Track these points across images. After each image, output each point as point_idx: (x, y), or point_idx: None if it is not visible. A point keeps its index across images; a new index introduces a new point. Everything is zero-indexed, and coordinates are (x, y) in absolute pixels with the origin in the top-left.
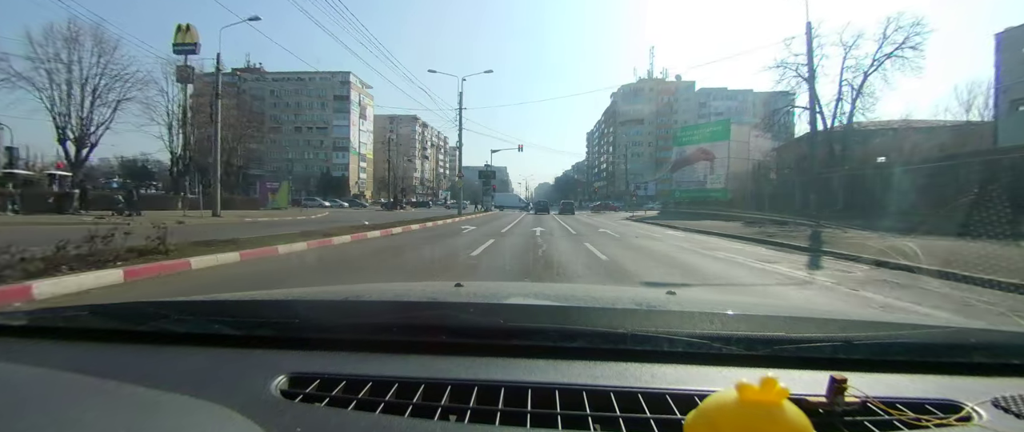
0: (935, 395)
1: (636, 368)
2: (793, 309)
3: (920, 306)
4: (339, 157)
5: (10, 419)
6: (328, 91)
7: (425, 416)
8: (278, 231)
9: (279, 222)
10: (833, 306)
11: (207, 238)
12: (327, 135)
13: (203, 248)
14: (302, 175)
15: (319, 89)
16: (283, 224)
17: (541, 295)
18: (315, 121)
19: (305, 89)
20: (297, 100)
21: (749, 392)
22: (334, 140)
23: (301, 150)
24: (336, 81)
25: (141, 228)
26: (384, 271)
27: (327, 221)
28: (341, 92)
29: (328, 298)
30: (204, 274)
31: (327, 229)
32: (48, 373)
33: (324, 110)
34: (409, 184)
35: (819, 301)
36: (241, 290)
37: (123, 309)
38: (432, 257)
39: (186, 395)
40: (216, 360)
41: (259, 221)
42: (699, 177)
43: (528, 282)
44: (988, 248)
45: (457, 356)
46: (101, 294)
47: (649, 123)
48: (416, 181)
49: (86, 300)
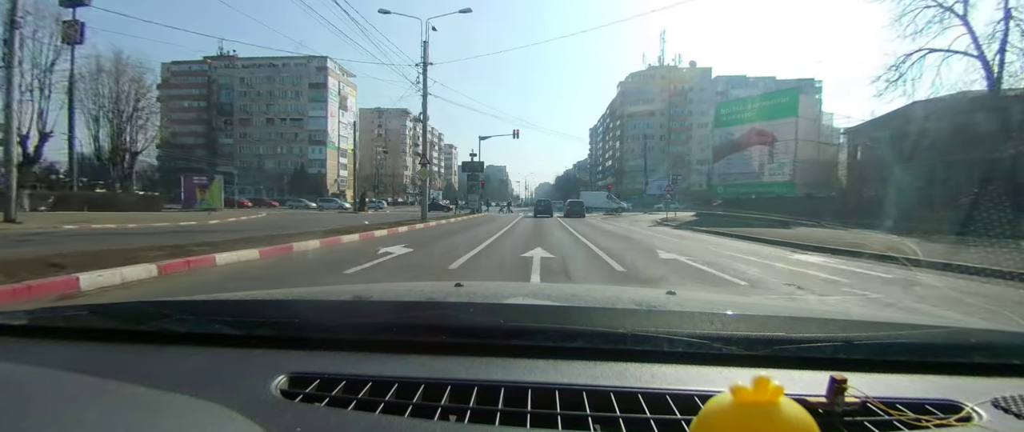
0: (935, 395)
1: (636, 368)
2: (793, 309)
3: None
4: (315, 152)
5: (11, 419)
6: (303, 79)
7: (425, 416)
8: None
9: (115, 232)
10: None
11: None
12: (302, 127)
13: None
14: (274, 172)
15: (293, 76)
16: (99, 237)
17: (541, 295)
18: (289, 112)
19: (278, 76)
20: (269, 88)
21: (744, 394)
22: (310, 133)
23: (273, 144)
24: (312, 67)
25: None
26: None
27: (219, 230)
28: (317, 79)
29: (328, 298)
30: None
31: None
32: (48, 373)
33: (299, 100)
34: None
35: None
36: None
37: (123, 309)
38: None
39: (186, 395)
40: (216, 360)
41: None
42: (752, 166)
43: (528, 282)
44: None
45: (457, 356)
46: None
47: (661, 114)
48: (407, 179)
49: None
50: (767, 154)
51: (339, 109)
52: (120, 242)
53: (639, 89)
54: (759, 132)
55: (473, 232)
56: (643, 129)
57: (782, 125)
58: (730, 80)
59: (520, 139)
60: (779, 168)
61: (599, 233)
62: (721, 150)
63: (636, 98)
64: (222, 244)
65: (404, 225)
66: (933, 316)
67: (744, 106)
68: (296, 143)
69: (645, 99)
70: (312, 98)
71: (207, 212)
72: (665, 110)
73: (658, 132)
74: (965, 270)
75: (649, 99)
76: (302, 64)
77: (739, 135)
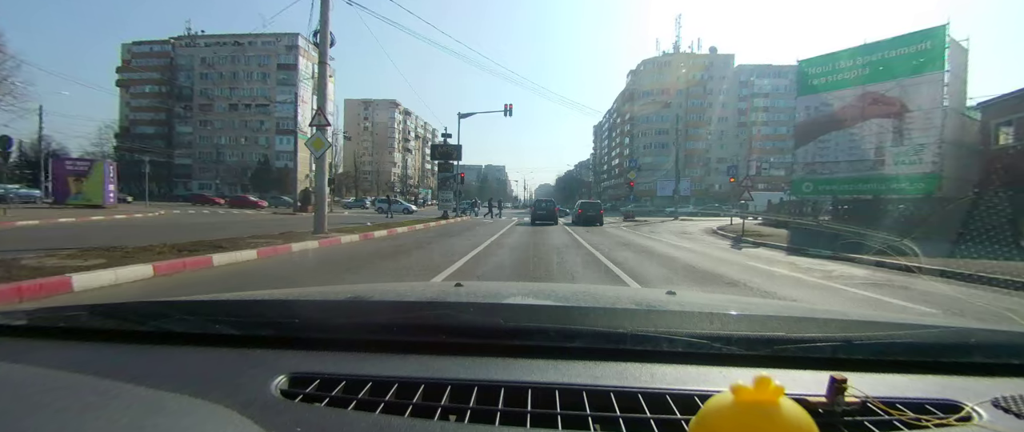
0: (935, 395)
1: (636, 368)
2: (793, 309)
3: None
4: (284, 143)
5: (10, 419)
6: (272, 59)
7: (425, 416)
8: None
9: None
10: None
11: None
12: (269, 114)
13: None
14: (236, 165)
15: (261, 56)
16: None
17: (541, 295)
18: (255, 97)
19: (243, 56)
20: (233, 70)
21: (744, 393)
22: (278, 121)
23: (236, 133)
24: (281, 45)
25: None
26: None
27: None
28: (287, 60)
29: (328, 298)
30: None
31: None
32: (48, 373)
33: (266, 83)
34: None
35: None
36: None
37: (123, 309)
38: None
39: (186, 395)
40: (216, 360)
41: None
42: (864, 151)
43: (528, 282)
44: None
45: (457, 356)
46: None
47: (677, 106)
48: (394, 176)
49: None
50: (891, 132)
51: (314, 95)
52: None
53: (653, 77)
54: (879, 99)
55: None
56: (656, 123)
57: (917, 87)
58: (756, 69)
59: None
60: (912, 153)
61: (656, 264)
62: (809, 129)
63: (649, 88)
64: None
65: (275, 242)
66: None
67: (848, 61)
68: (261, 132)
69: (659, 89)
70: (281, 81)
71: (84, 208)
72: (682, 101)
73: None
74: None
75: (664, 89)
76: (270, 42)
77: (840, 105)
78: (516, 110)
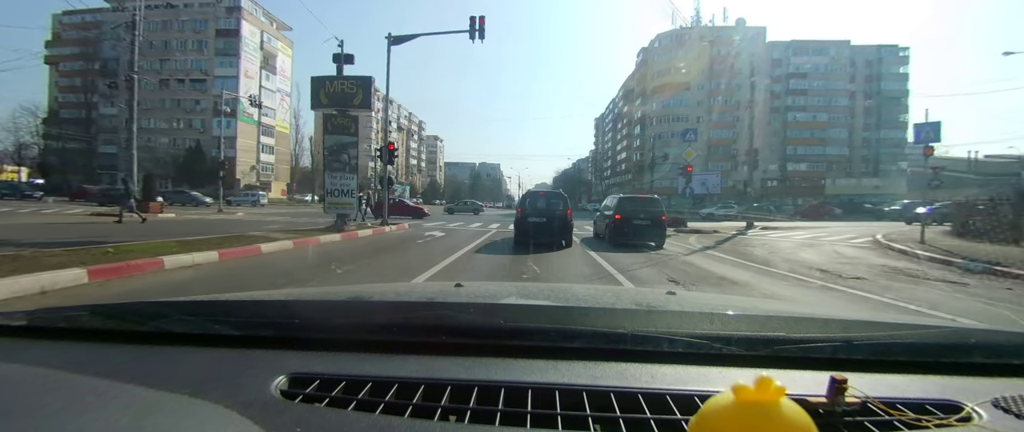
0: (935, 395)
1: (636, 368)
2: (793, 309)
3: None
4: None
5: (10, 419)
6: (210, 24)
7: (425, 416)
8: None
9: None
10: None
11: None
12: (204, 92)
13: None
14: (168, 153)
15: (197, 20)
16: None
17: (541, 295)
18: (189, 70)
19: (177, 20)
20: (164, 38)
21: (745, 393)
22: (215, 99)
23: (167, 114)
24: (221, 7)
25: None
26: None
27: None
28: (227, 24)
29: (328, 298)
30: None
31: None
32: (48, 373)
33: (202, 53)
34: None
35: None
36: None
37: (123, 309)
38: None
39: (186, 395)
40: (216, 360)
41: None
42: None
43: (528, 282)
44: None
45: (457, 356)
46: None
47: (699, 89)
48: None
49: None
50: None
51: (262, 70)
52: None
53: (669, 55)
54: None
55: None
56: (673, 108)
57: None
58: (792, 45)
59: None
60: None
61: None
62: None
63: (665, 68)
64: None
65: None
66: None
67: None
68: (195, 113)
69: (677, 68)
70: (219, 50)
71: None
72: (705, 83)
73: (694, 112)
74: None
75: (682, 68)
76: (209, 4)
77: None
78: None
